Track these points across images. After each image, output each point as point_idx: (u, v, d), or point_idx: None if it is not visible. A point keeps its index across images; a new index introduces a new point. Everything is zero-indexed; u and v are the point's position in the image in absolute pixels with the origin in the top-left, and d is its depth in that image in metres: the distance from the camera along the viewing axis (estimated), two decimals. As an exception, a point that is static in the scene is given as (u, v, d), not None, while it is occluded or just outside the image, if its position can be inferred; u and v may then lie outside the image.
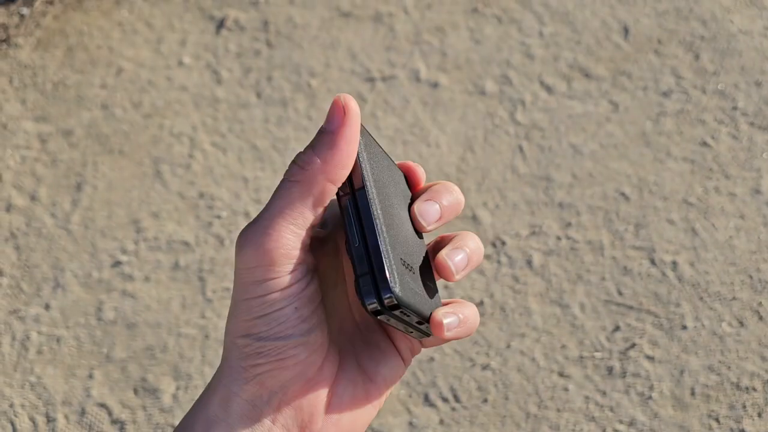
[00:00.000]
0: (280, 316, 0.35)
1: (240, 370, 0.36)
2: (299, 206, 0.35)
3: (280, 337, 0.35)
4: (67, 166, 1.67)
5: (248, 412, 0.36)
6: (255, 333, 0.35)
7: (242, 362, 0.36)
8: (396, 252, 0.35)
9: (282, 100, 1.69)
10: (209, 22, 1.85)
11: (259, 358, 0.36)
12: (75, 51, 1.85)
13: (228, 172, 1.60)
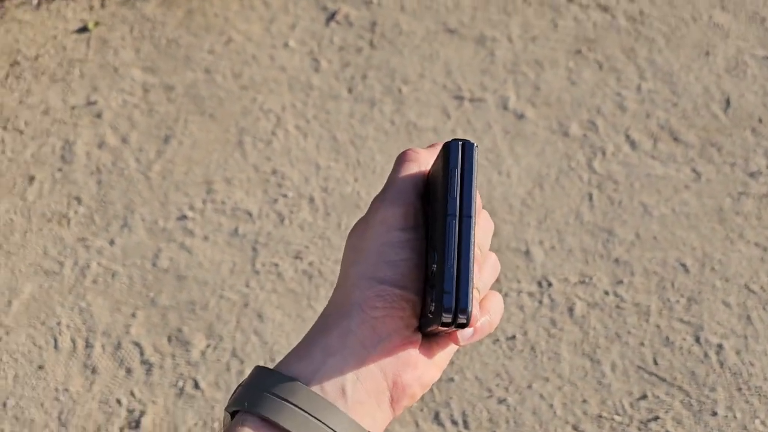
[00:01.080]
0: (403, 266, 0.40)
1: (359, 311, 0.39)
2: (419, 182, 0.42)
3: (399, 285, 0.40)
4: (161, 118, 1.77)
5: (359, 351, 0.39)
6: (380, 276, 0.40)
7: (362, 303, 0.40)
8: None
9: (371, 99, 1.74)
10: (321, 12, 1.92)
11: (377, 301, 0.39)
12: (194, 14, 1.96)
13: (304, 156, 1.66)
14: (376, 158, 1.64)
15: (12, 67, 1.93)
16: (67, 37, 1.97)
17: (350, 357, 0.40)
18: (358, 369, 0.40)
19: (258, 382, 0.39)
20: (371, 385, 0.40)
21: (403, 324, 0.41)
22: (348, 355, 0.39)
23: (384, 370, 0.40)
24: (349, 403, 0.39)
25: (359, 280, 0.41)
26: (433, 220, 0.42)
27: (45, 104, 1.84)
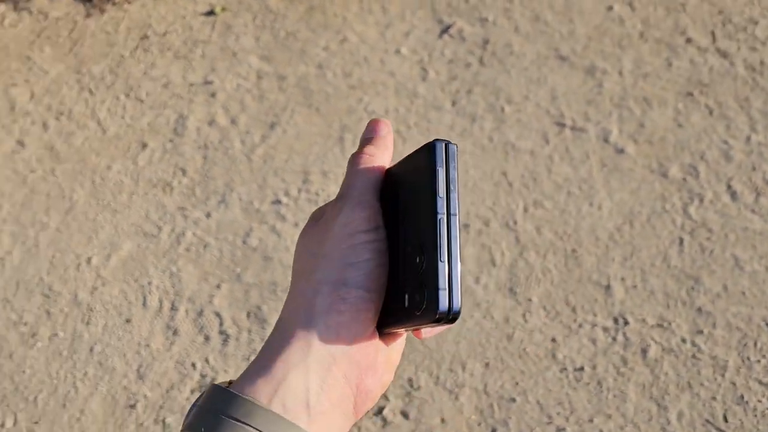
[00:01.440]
0: (366, 267, 0.40)
1: (323, 317, 0.39)
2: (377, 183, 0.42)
3: (364, 287, 0.40)
4: (270, 105, 1.86)
5: (323, 360, 0.38)
6: (345, 279, 0.39)
7: (327, 309, 0.39)
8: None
9: (473, 114, 1.77)
10: (437, 24, 1.96)
11: (342, 304, 0.39)
12: (315, 11, 2.05)
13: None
14: (469, 172, 1.66)
15: (142, 40, 2.06)
16: (194, 19, 2.09)
17: (314, 367, 0.38)
18: (322, 379, 0.39)
19: (214, 405, 0.38)
20: (336, 394, 0.39)
21: (367, 326, 0.40)
22: (311, 366, 0.38)
23: (348, 376, 0.39)
24: (312, 415, 0.38)
25: (321, 285, 0.40)
26: (406, 217, 0.41)
27: (166, 78, 1.97)
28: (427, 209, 0.40)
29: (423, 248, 0.40)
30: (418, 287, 0.39)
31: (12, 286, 1.62)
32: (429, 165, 0.40)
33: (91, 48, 2.06)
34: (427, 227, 0.40)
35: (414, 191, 0.41)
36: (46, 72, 2.01)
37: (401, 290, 0.41)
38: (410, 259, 0.40)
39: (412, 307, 0.40)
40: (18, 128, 1.90)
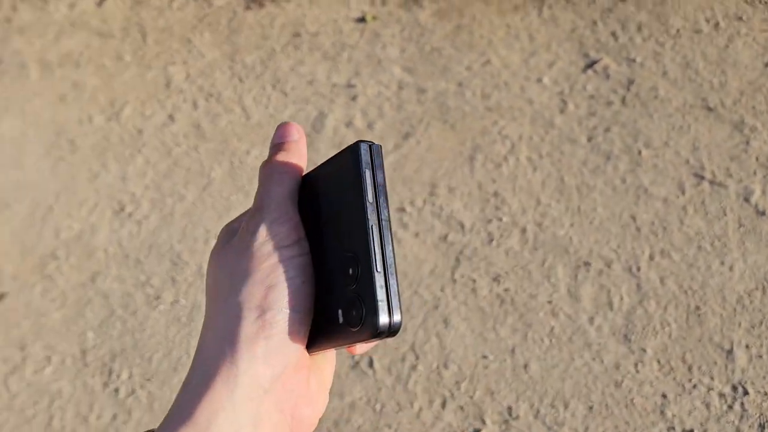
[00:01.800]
0: (292, 286, 0.37)
1: (248, 346, 0.36)
2: (294, 193, 0.39)
3: (290, 308, 0.36)
4: (407, 116, 1.90)
5: (252, 396, 0.35)
6: (268, 301, 0.36)
7: (251, 337, 0.36)
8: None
9: (608, 153, 1.74)
10: (582, 58, 1.95)
11: (269, 329, 0.36)
12: (462, 31, 2.08)
13: (527, 188, 1.70)
14: (597, 210, 1.64)
15: (294, 37, 2.16)
16: (345, 23, 2.17)
17: (242, 406, 0.35)
18: (254, 416, 0.36)
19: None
20: (270, 428, 0.36)
21: (298, 350, 0.37)
22: (239, 405, 0.35)
23: (282, 407, 0.37)
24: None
25: (243, 310, 0.36)
26: (331, 226, 0.38)
27: (312, 76, 2.05)
28: (356, 216, 0.37)
29: (356, 258, 0.36)
30: (354, 301, 0.36)
31: (145, 249, 1.73)
32: (355, 169, 0.37)
33: (246, 39, 2.18)
34: (358, 236, 0.36)
35: (339, 198, 0.38)
36: (203, 55, 2.15)
37: (333, 306, 0.37)
38: (340, 271, 0.37)
39: (348, 323, 0.36)
40: (171, 104, 2.03)
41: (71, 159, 1.93)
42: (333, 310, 0.37)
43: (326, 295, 0.38)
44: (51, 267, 1.71)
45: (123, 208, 1.80)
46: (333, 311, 0.37)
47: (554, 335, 1.45)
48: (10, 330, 1.61)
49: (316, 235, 0.39)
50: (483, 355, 1.44)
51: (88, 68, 2.14)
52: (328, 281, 0.38)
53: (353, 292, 0.36)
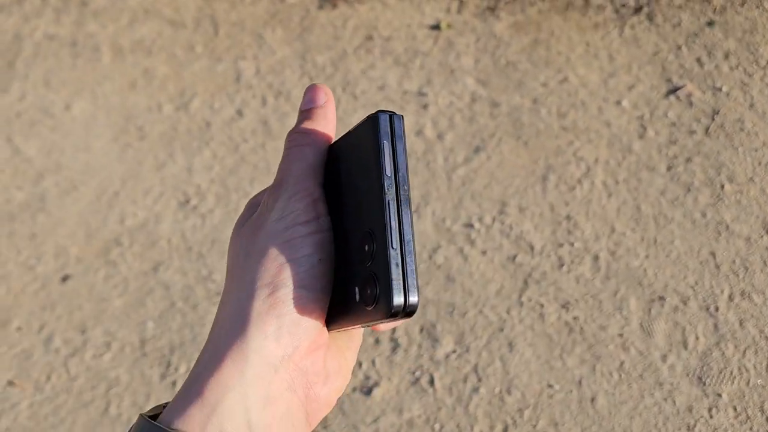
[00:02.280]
0: (307, 263, 0.36)
1: (259, 325, 0.35)
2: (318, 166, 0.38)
3: (304, 286, 0.35)
4: (479, 129, 1.86)
5: (263, 375, 0.35)
6: (282, 278, 0.35)
7: (264, 314, 0.35)
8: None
9: (687, 184, 1.68)
10: (664, 83, 1.89)
11: (282, 307, 0.35)
12: (539, 45, 2.03)
13: (602, 214, 1.65)
14: (675, 243, 1.58)
15: (366, 40, 2.14)
16: (419, 30, 2.14)
17: (252, 384, 0.35)
18: (264, 395, 0.35)
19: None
20: (281, 408, 0.35)
21: (311, 330, 0.36)
22: (249, 383, 0.35)
23: (293, 386, 0.36)
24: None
25: (257, 288, 0.35)
26: (351, 200, 0.36)
27: (383, 81, 2.02)
28: (374, 190, 0.35)
29: (372, 235, 0.35)
30: (369, 279, 0.34)
31: (208, 243, 1.72)
32: (373, 139, 0.35)
33: (318, 38, 2.16)
34: (375, 211, 0.35)
35: (358, 170, 0.36)
36: (273, 52, 2.14)
37: (350, 283, 0.36)
38: (358, 247, 0.36)
39: (363, 301, 0.35)
40: (240, 98, 2.02)
41: (139, 146, 1.93)
42: (350, 288, 0.36)
43: (345, 272, 0.36)
44: (114, 253, 1.71)
45: (188, 200, 1.80)
46: (350, 289, 0.36)
47: (624, 370, 1.40)
48: (73, 312, 1.61)
49: (338, 209, 0.37)
50: (548, 383, 1.40)
51: (159, 56, 2.15)
52: (347, 258, 0.36)
53: (369, 269, 0.35)
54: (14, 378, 1.52)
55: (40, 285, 1.67)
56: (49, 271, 1.69)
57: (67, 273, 1.68)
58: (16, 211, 1.82)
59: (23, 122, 2.01)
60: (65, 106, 2.03)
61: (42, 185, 1.86)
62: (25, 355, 1.55)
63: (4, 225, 1.79)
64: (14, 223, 1.79)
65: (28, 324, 1.60)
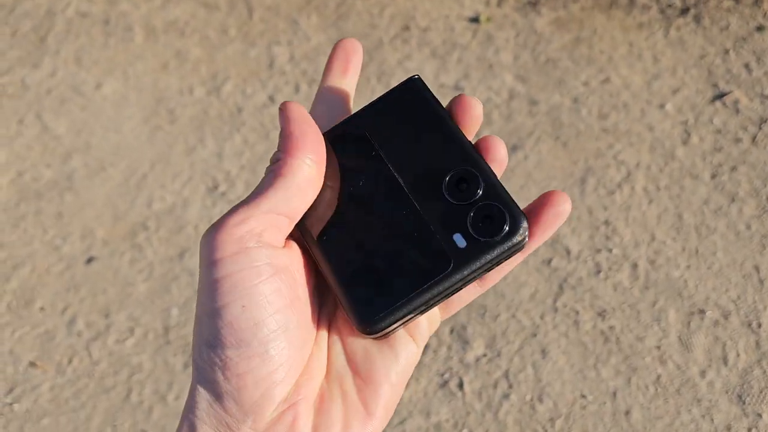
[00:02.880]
0: (226, 315, 0.31)
1: (203, 393, 0.31)
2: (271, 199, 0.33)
3: (231, 345, 0.30)
4: (516, 127, 1.82)
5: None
6: (209, 337, 0.31)
7: (205, 383, 0.31)
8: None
9: (731, 194, 1.63)
10: (711, 88, 1.83)
11: (217, 372, 0.31)
12: (581, 43, 1.98)
13: (642, 220, 1.60)
14: (717, 255, 1.53)
15: (403, 30, 2.09)
16: (458, 22, 2.09)
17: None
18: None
19: None
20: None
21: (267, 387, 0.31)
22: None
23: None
24: None
25: (196, 343, 0.32)
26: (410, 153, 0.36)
27: (419, 72, 1.98)
28: (449, 135, 0.35)
29: (468, 172, 0.35)
30: (490, 210, 0.34)
31: (235, 231, 1.69)
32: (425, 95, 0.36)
33: (354, 26, 2.12)
34: (460, 152, 0.35)
35: (408, 126, 0.36)
36: (308, 38, 2.10)
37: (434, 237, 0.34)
38: (442, 193, 0.35)
39: (485, 233, 0.33)
40: (272, 84, 1.99)
41: (169, 129, 1.90)
42: (438, 245, 0.34)
43: (417, 237, 0.34)
44: (141, 237, 1.68)
45: (216, 186, 1.77)
46: (438, 246, 0.34)
47: (661, 384, 1.36)
48: (97, 295, 1.59)
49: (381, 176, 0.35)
50: (582, 394, 1.36)
51: (192, 38, 2.12)
52: (414, 220, 0.34)
53: (480, 204, 0.34)
54: (36, 359, 1.51)
55: (65, 266, 1.65)
56: (75, 252, 1.67)
57: (93, 255, 1.66)
58: (43, 189, 1.80)
59: (53, 99, 1.99)
60: (96, 85, 2.01)
61: (70, 164, 1.84)
62: (48, 337, 1.54)
63: (31, 203, 1.77)
64: (41, 202, 1.77)
65: (51, 305, 1.59)
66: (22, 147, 1.88)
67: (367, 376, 0.33)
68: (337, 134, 0.37)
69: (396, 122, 0.36)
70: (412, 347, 0.35)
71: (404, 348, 0.34)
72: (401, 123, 0.36)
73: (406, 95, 0.37)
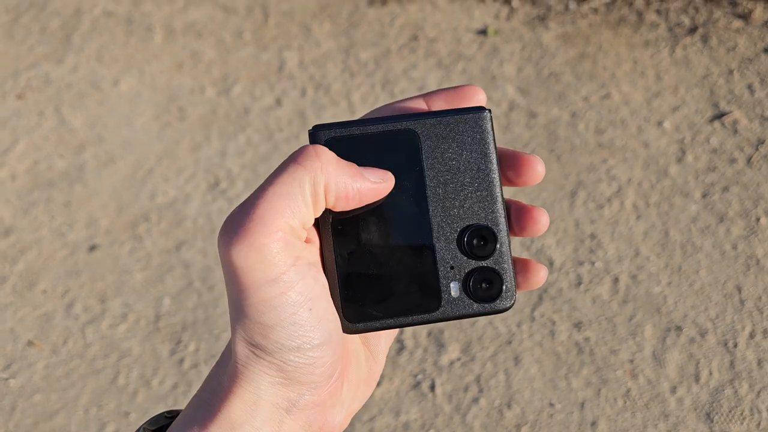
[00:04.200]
0: (297, 321, 0.32)
1: (265, 377, 0.33)
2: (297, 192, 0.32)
3: (300, 346, 0.32)
4: (513, 138, 1.84)
5: (273, 415, 0.33)
6: (273, 343, 0.32)
7: (268, 370, 0.33)
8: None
9: (721, 214, 1.63)
10: (710, 108, 1.83)
11: (286, 367, 0.33)
12: (585, 59, 1.99)
13: (628, 236, 1.61)
14: (700, 273, 1.53)
15: (411, 40, 2.14)
16: (465, 34, 2.13)
17: (263, 426, 0.33)
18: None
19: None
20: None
21: (327, 370, 0.33)
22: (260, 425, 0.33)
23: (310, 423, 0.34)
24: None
25: (251, 348, 0.33)
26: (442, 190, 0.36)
27: (423, 82, 2.02)
28: (486, 187, 0.36)
29: (488, 229, 0.35)
30: (490, 274, 0.35)
31: (232, 227, 1.75)
32: (484, 136, 0.36)
33: (364, 34, 2.17)
34: (488, 207, 0.36)
35: (454, 162, 0.36)
36: (319, 45, 2.15)
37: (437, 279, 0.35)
38: (455, 241, 0.35)
39: (473, 295, 0.35)
40: (280, 88, 2.05)
41: (178, 126, 1.97)
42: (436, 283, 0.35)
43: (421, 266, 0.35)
44: (142, 228, 1.75)
45: (218, 183, 1.83)
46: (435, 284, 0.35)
47: (630, 398, 1.37)
48: (96, 281, 1.67)
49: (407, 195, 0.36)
50: (550, 402, 1.38)
51: (208, 40, 2.19)
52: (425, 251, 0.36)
53: (486, 265, 0.35)
54: (34, 338, 1.58)
55: (68, 252, 1.73)
56: (79, 240, 1.75)
57: (95, 243, 1.74)
58: (56, 178, 1.88)
59: (73, 94, 2.08)
60: (114, 82, 2.10)
61: (82, 156, 1.92)
62: (47, 318, 1.61)
63: (43, 191, 1.86)
64: (53, 190, 1.86)
65: (53, 288, 1.66)
66: (40, 138, 1.98)
67: (373, 348, 0.38)
68: (393, 125, 0.37)
69: (450, 145, 0.36)
70: None
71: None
72: (454, 148, 0.36)
73: (472, 124, 0.36)
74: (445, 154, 0.36)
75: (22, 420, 1.47)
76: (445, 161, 0.36)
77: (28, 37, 2.25)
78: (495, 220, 0.36)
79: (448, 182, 0.36)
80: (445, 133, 0.36)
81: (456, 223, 0.36)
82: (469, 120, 0.36)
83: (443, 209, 0.36)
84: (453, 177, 0.36)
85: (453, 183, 0.36)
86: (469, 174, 0.36)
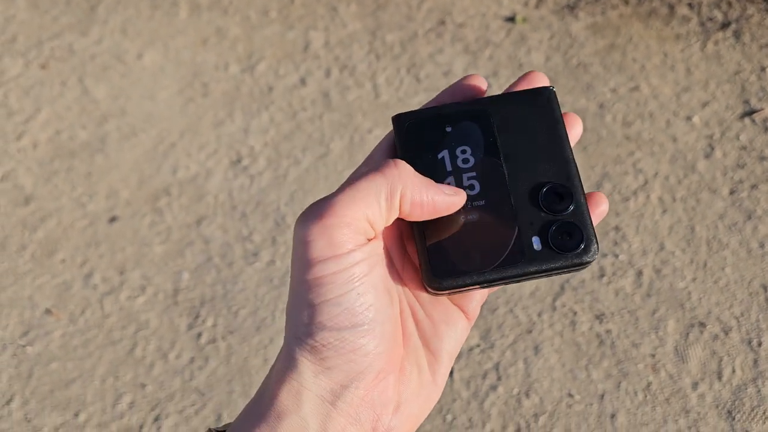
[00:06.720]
0: (342, 302, 0.33)
1: (307, 364, 0.33)
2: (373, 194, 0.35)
3: (339, 327, 0.33)
4: (538, 127, 1.82)
5: (319, 408, 0.33)
6: (315, 325, 0.33)
7: (309, 356, 0.33)
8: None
9: (749, 212, 1.61)
10: (741, 104, 1.80)
11: (326, 351, 0.33)
12: (614, 50, 1.97)
13: (653, 230, 1.59)
14: (725, 270, 1.51)
15: (438, 25, 2.12)
16: (494, 20, 2.10)
17: (310, 417, 0.33)
18: (322, 428, 0.33)
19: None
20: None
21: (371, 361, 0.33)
22: (307, 416, 0.33)
23: (359, 419, 0.33)
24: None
25: (298, 328, 0.33)
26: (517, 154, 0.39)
27: (449, 67, 2.00)
28: (558, 149, 0.39)
29: (565, 187, 0.38)
30: (570, 227, 0.38)
31: (252, 204, 1.75)
32: (553, 109, 0.40)
33: (391, 16, 2.15)
34: (563, 167, 0.39)
35: (527, 130, 0.39)
36: (345, 26, 2.13)
37: (518, 233, 0.38)
38: (536, 198, 0.38)
39: (557, 246, 0.37)
40: (305, 68, 2.03)
41: (201, 102, 1.96)
42: (518, 239, 0.38)
43: (503, 224, 0.38)
44: (162, 202, 1.75)
45: (240, 160, 1.82)
46: (518, 239, 0.38)
47: (650, 391, 1.36)
48: (115, 253, 1.66)
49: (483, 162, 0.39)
50: (569, 393, 1.37)
51: (234, 17, 2.18)
52: (506, 209, 0.38)
53: (564, 218, 0.38)
54: (52, 307, 1.58)
55: (88, 222, 1.72)
56: (99, 211, 1.74)
57: (115, 214, 1.73)
58: (77, 149, 1.88)
59: (96, 65, 2.07)
60: (137, 55, 2.09)
61: (105, 128, 1.92)
62: (65, 287, 1.61)
63: (64, 160, 1.85)
64: (74, 160, 1.85)
65: (72, 258, 1.66)
66: (63, 108, 1.97)
67: (435, 350, 0.38)
68: (466, 107, 0.41)
69: (521, 118, 0.40)
70: (465, 323, 0.40)
71: (460, 324, 0.40)
72: (525, 121, 0.40)
73: (539, 100, 0.40)
74: (518, 126, 0.40)
75: (39, 387, 1.47)
76: (517, 131, 0.40)
77: (52, 8, 2.24)
78: (569, 178, 0.39)
79: (522, 150, 0.39)
80: (516, 109, 0.40)
81: (534, 182, 0.39)
82: (537, 95, 0.40)
83: (519, 174, 0.39)
84: (527, 145, 0.39)
85: (527, 150, 0.39)
86: (541, 141, 0.39)
